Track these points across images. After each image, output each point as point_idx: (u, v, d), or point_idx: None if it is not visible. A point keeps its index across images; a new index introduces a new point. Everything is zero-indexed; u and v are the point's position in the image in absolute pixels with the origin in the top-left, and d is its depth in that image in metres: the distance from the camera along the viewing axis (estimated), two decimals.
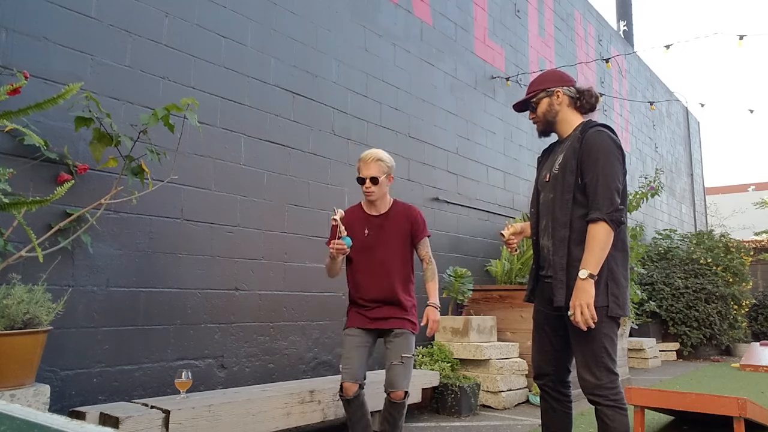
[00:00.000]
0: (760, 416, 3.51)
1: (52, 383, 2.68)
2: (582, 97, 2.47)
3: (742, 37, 6.02)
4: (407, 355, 3.01)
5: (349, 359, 3.01)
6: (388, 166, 3.10)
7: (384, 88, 4.99)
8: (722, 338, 9.07)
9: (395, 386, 2.95)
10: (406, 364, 3.00)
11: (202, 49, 3.59)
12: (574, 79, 2.56)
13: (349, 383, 2.96)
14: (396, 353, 3.00)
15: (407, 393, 2.98)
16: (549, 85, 2.48)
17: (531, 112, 2.55)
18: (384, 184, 3.09)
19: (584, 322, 2.20)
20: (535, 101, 2.51)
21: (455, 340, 4.84)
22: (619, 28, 12.46)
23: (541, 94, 2.49)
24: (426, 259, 3.19)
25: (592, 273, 2.20)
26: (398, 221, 3.12)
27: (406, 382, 2.98)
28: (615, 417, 2.24)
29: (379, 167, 3.05)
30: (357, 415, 3.00)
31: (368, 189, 3.06)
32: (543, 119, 2.51)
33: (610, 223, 2.22)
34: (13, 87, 1.77)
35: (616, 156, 2.30)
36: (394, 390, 2.95)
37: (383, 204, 3.14)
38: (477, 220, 6.00)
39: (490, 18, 6.62)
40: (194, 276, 3.43)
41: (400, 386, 2.95)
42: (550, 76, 2.53)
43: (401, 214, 3.15)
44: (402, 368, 2.98)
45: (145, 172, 2.94)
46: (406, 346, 3.03)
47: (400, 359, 2.98)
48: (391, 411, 2.98)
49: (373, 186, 3.05)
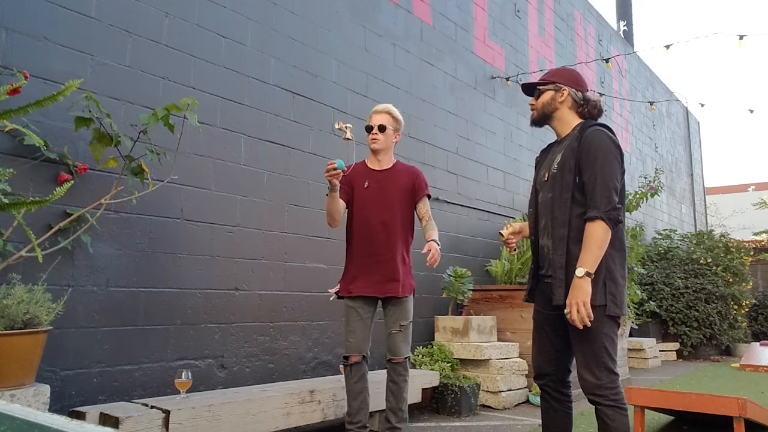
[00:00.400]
0: (760, 416, 3.50)
1: (52, 383, 2.69)
2: (586, 105, 2.48)
3: (742, 37, 6.02)
4: (405, 322, 3.11)
5: (352, 332, 3.09)
6: (397, 121, 3.19)
7: (384, 88, 4.99)
8: (722, 338, 9.07)
9: (396, 353, 3.07)
10: (405, 331, 3.10)
11: (202, 49, 3.59)
12: (588, 87, 2.56)
13: (354, 355, 3.08)
14: (395, 321, 3.10)
15: (408, 358, 3.12)
16: (561, 81, 2.49)
17: (534, 97, 2.56)
18: (390, 136, 3.16)
19: (580, 320, 2.20)
20: (541, 89, 2.52)
21: (455, 340, 4.84)
22: (619, 28, 12.46)
23: (549, 86, 2.50)
24: (426, 217, 3.18)
25: (588, 271, 2.20)
26: (400, 177, 3.17)
27: (406, 348, 3.10)
28: (615, 417, 2.24)
29: (388, 118, 3.14)
30: (357, 386, 3.07)
31: (375, 136, 3.13)
32: (540, 109, 2.52)
33: (608, 222, 2.22)
34: (13, 87, 1.77)
35: (614, 155, 2.31)
36: (395, 356, 3.08)
37: (386, 159, 3.20)
38: (477, 220, 5.99)
39: (490, 18, 6.62)
40: (194, 276, 3.43)
41: (400, 353, 3.07)
42: (567, 74, 2.53)
43: (403, 171, 3.21)
44: (401, 335, 3.09)
45: (145, 172, 2.94)
46: (404, 313, 3.11)
47: (399, 327, 3.08)
48: (394, 374, 3.08)
49: (380, 133, 3.12)
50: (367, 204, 3.12)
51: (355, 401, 3.07)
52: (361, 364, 3.08)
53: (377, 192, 3.12)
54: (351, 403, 3.08)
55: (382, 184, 3.14)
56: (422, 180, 3.21)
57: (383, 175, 3.17)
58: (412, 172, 3.22)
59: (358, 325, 3.09)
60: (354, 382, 3.07)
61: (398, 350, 3.08)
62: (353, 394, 3.08)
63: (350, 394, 3.09)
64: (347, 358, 3.09)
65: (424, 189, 3.20)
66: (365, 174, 3.18)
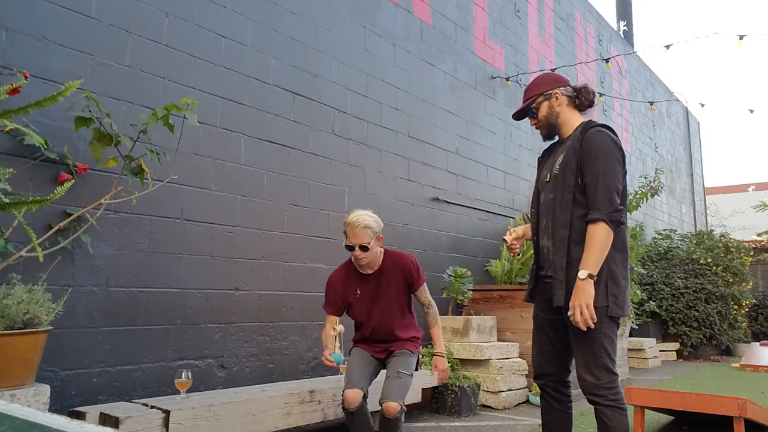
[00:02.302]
0: (760, 416, 3.50)
1: (52, 383, 2.69)
2: (580, 95, 2.48)
3: (742, 37, 6.01)
4: (405, 371, 2.98)
5: (352, 369, 3.03)
6: (376, 231, 3.01)
7: (384, 88, 4.99)
8: (722, 338, 9.07)
9: (388, 397, 2.86)
10: (403, 380, 2.95)
11: (202, 49, 3.59)
12: (568, 78, 2.56)
13: (353, 390, 2.89)
14: (393, 369, 3.00)
15: (402, 409, 2.87)
16: (546, 89, 2.48)
17: (532, 118, 2.55)
18: (374, 248, 3.03)
19: (584, 322, 2.20)
20: (535, 106, 2.51)
21: (455, 340, 4.84)
22: (619, 28, 12.45)
23: (539, 99, 2.49)
24: (426, 303, 3.18)
25: (591, 273, 2.20)
26: (392, 275, 3.10)
27: (400, 395, 2.89)
28: (614, 417, 2.24)
29: (367, 234, 2.96)
30: (359, 425, 2.96)
31: (359, 256, 3.00)
32: (545, 123, 2.51)
33: (610, 224, 2.22)
34: (13, 87, 1.77)
35: (615, 156, 2.30)
36: (386, 401, 2.85)
37: (375, 262, 3.11)
38: (477, 220, 6.00)
39: (490, 18, 6.62)
40: (194, 276, 3.43)
41: (392, 398, 2.85)
42: (545, 79, 2.53)
43: (394, 267, 3.10)
44: (397, 382, 2.92)
45: (145, 172, 2.94)
46: (404, 364, 3.03)
47: (397, 374, 2.96)
48: (386, 427, 2.88)
49: (363, 253, 2.99)
50: (363, 307, 3.12)
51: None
52: (361, 408, 2.92)
53: (372, 298, 3.10)
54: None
55: (375, 289, 3.10)
56: (414, 271, 3.12)
57: (374, 278, 3.11)
58: (402, 267, 3.10)
59: (359, 363, 3.06)
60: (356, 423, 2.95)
61: (391, 394, 2.86)
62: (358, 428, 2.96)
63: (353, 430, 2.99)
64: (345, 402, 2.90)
65: (420, 279, 3.14)
66: (355, 281, 3.12)
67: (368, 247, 2.97)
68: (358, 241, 2.96)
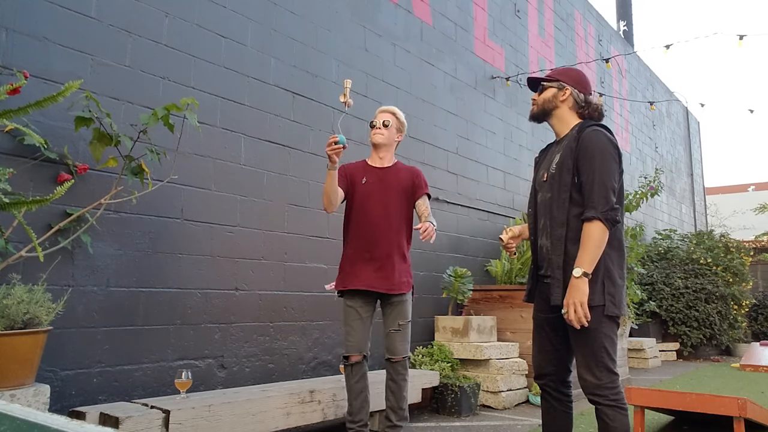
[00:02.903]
0: (760, 416, 3.50)
1: (52, 383, 2.68)
2: (587, 107, 2.48)
3: (742, 37, 6.02)
4: (404, 321, 3.10)
5: (352, 332, 3.08)
6: (401, 121, 3.24)
7: (384, 88, 4.98)
8: (722, 338, 9.06)
9: (395, 352, 3.07)
10: (404, 330, 3.10)
11: (202, 49, 3.59)
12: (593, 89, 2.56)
13: (355, 355, 3.06)
14: (393, 320, 3.09)
15: (408, 356, 3.11)
16: (565, 80, 2.49)
17: (536, 93, 2.57)
18: (393, 133, 3.20)
19: (577, 320, 2.20)
20: (545, 85, 2.52)
21: (455, 340, 4.84)
22: (619, 28, 12.45)
23: (553, 83, 2.51)
24: (425, 214, 3.11)
25: (586, 271, 2.21)
26: (399, 174, 3.19)
27: (405, 347, 3.09)
28: (615, 417, 2.24)
29: (392, 117, 3.20)
30: (358, 386, 3.06)
31: (378, 130, 3.16)
32: (541, 105, 2.53)
33: (605, 222, 2.22)
34: (13, 87, 1.77)
35: (612, 155, 2.31)
36: (394, 355, 3.07)
37: (387, 157, 3.22)
38: (477, 220, 6.00)
39: (490, 18, 6.62)
40: (194, 276, 3.43)
41: (399, 352, 3.07)
42: (573, 74, 2.54)
43: (403, 169, 3.24)
44: (400, 334, 3.09)
45: (145, 172, 2.94)
46: (403, 312, 3.11)
47: (398, 326, 3.08)
48: (394, 373, 3.07)
49: (383, 128, 3.16)
50: (365, 199, 3.11)
51: (356, 400, 3.06)
52: (361, 364, 3.08)
53: (376, 188, 3.12)
54: (352, 402, 3.08)
55: (381, 180, 3.14)
56: (422, 179, 3.21)
57: (383, 172, 3.18)
58: (412, 171, 3.23)
59: (357, 324, 3.08)
60: (355, 381, 3.07)
61: (397, 349, 3.07)
62: (354, 393, 3.07)
63: (351, 393, 3.08)
64: (347, 358, 3.07)
65: (424, 187, 3.19)
66: (365, 170, 3.19)
67: (389, 124, 3.18)
68: (381, 118, 3.20)
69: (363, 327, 3.09)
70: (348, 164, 3.23)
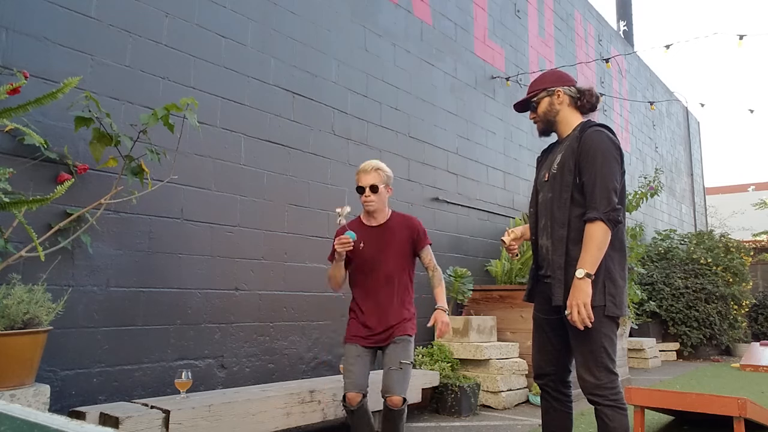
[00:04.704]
0: (760, 416, 3.50)
1: (52, 383, 2.68)
2: (583, 97, 2.47)
3: (742, 37, 6.02)
4: (405, 361, 2.94)
5: (351, 370, 2.95)
6: (387, 175, 3.06)
7: (384, 88, 4.99)
8: (722, 338, 9.06)
9: (391, 391, 2.84)
10: (404, 371, 2.92)
11: (202, 49, 3.59)
12: (575, 79, 2.56)
13: (353, 393, 2.88)
14: (394, 359, 2.93)
15: (405, 400, 2.87)
16: (550, 85, 2.48)
17: (532, 111, 2.56)
18: (383, 194, 3.05)
19: (581, 321, 2.20)
20: (536, 101, 2.51)
21: (455, 340, 4.84)
22: (619, 28, 12.45)
23: (542, 94, 2.49)
24: (431, 266, 3.14)
25: (588, 272, 2.20)
26: (398, 231, 3.08)
27: (403, 387, 2.88)
28: (615, 417, 2.24)
29: (378, 176, 3.01)
30: (361, 424, 2.94)
31: (368, 197, 3.01)
32: (544, 119, 2.51)
33: (607, 223, 2.22)
34: (13, 86, 1.77)
35: (613, 156, 2.31)
36: (390, 395, 2.84)
37: (382, 215, 3.09)
38: (477, 220, 6.00)
39: (490, 18, 6.62)
40: (194, 276, 3.43)
41: (396, 391, 2.84)
42: (551, 76, 2.53)
43: (400, 224, 3.10)
44: (399, 374, 2.90)
45: (145, 172, 2.94)
46: (404, 353, 2.96)
47: (399, 365, 2.91)
48: (390, 418, 2.88)
49: (372, 194, 3.00)
50: (365, 263, 3.05)
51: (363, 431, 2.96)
52: (362, 406, 2.91)
53: (374, 249, 3.04)
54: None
55: (378, 242, 3.06)
56: (421, 230, 3.12)
57: (379, 231, 3.08)
58: (409, 225, 3.11)
59: (357, 361, 2.97)
60: (357, 421, 2.93)
61: (394, 388, 2.84)
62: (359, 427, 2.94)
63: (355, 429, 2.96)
64: (346, 400, 2.90)
65: (425, 239, 3.13)
66: (361, 232, 3.06)
67: (378, 189, 3.00)
68: (368, 181, 3.00)
69: (363, 364, 2.97)
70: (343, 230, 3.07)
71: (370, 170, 3.02)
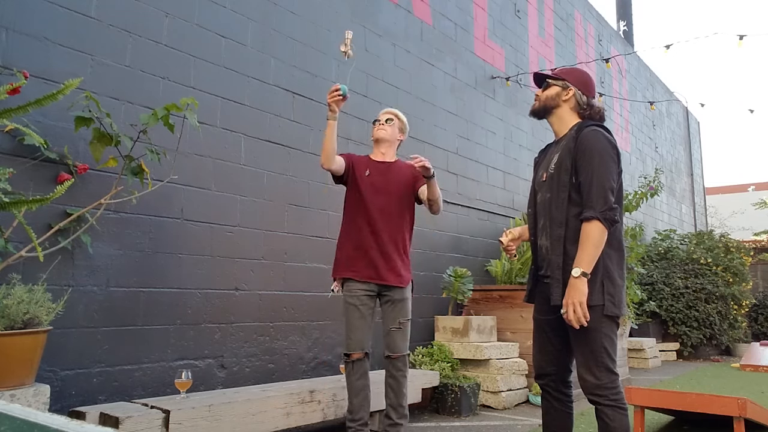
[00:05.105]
0: (760, 416, 3.50)
1: (52, 383, 2.69)
2: (588, 110, 2.48)
3: (742, 37, 6.02)
4: (404, 319, 3.12)
5: (353, 329, 3.07)
6: (403, 123, 3.33)
7: (384, 88, 4.98)
8: (722, 338, 9.06)
9: (395, 350, 3.08)
10: (404, 328, 3.11)
11: (202, 49, 3.59)
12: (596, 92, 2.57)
13: (356, 352, 3.05)
14: (394, 318, 3.10)
15: (408, 354, 3.13)
16: (570, 81, 2.49)
17: (540, 89, 2.58)
18: (396, 130, 3.28)
19: (576, 320, 2.20)
20: (549, 82, 2.53)
21: (455, 340, 4.84)
22: (619, 28, 12.46)
23: (558, 82, 2.51)
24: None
25: (584, 271, 2.21)
26: (402, 170, 3.22)
27: (405, 344, 3.11)
28: (615, 417, 2.24)
29: (394, 115, 3.30)
30: (359, 383, 3.05)
31: (381, 126, 3.25)
32: (543, 102, 2.53)
33: (604, 222, 2.22)
34: (13, 86, 1.77)
35: (610, 155, 2.31)
36: (395, 353, 3.08)
37: (389, 153, 3.28)
38: (477, 220, 5.99)
39: (490, 18, 6.62)
40: (194, 276, 3.43)
41: (399, 350, 3.08)
42: (577, 74, 2.54)
43: (404, 165, 3.25)
44: (401, 333, 3.10)
45: (145, 172, 2.94)
46: (403, 310, 3.12)
47: (398, 324, 3.09)
48: (393, 370, 3.08)
49: (386, 124, 3.25)
50: (366, 191, 3.12)
51: (356, 398, 3.04)
52: (362, 361, 3.06)
53: (378, 180, 3.14)
54: (352, 400, 3.06)
55: (383, 174, 3.17)
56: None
57: (385, 166, 3.22)
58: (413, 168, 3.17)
59: (358, 322, 3.07)
60: (356, 378, 3.05)
61: (397, 347, 3.08)
62: (355, 391, 3.05)
63: (351, 391, 3.07)
64: (348, 355, 3.06)
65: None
66: (368, 164, 3.22)
67: (393, 120, 3.28)
68: (384, 116, 3.30)
69: (364, 324, 3.08)
70: (352, 154, 3.30)
71: (389, 111, 3.34)
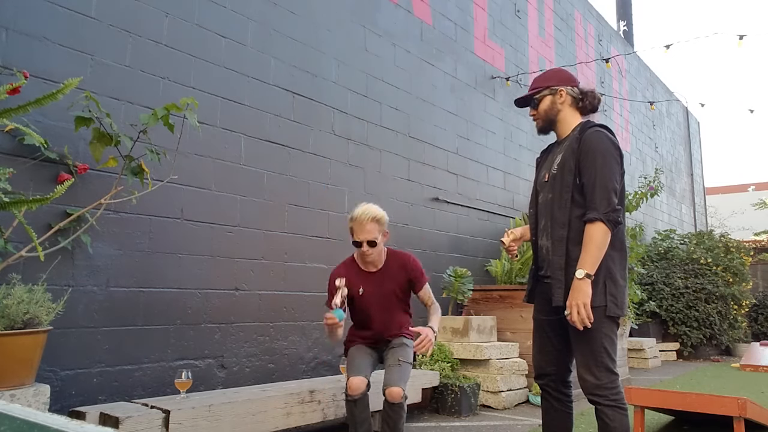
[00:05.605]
0: (760, 416, 3.50)
1: (52, 383, 2.68)
2: (585, 98, 2.48)
3: (742, 37, 6.02)
4: (404, 360, 3.00)
5: (354, 359, 3.05)
6: (383, 224, 3.01)
7: (384, 88, 4.98)
8: (722, 338, 9.06)
9: (391, 383, 2.86)
10: (404, 367, 2.97)
11: (202, 49, 3.59)
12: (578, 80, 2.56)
13: (357, 378, 2.89)
14: (394, 357, 3.03)
15: (405, 396, 2.88)
16: (554, 84, 2.48)
17: (532, 108, 2.55)
18: (380, 243, 3.02)
19: (580, 321, 2.20)
20: (538, 98, 2.51)
21: (455, 340, 4.84)
22: (619, 28, 12.46)
23: (544, 92, 2.49)
24: (428, 303, 3.17)
25: (588, 273, 2.20)
26: (395, 275, 3.10)
27: (402, 381, 2.91)
28: (615, 417, 2.24)
29: (375, 228, 2.96)
30: (360, 418, 2.94)
31: (367, 252, 2.98)
32: (544, 117, 2.51)
33: (607, 223, 2.22)
34: (13, 86, 1.77)
35: (613, 156, 2.31)
36: (390, 386, 2.85)
37: (379, 260, 3.11)
38: (477, 220, 6.00)
39: (490, 18, 6.62)
40: (194, 276, 3.43)
41: (395, 383, 2.86)
42: (555, 74, 2.53)
43: (397, 266, 3.11)
44: (399, 369, 2.94)
45: (145, 172, 2.94)
46: (403, 353, 3.05)
47: (398, 362, 2.98)
48: (390, 414, 2.87)
49: (371, 249, 2.97)
50: (365, 308, 3.12)
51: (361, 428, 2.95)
52: (363, 398, 2.92)
53: (373, 292, 3.09)
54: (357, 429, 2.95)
55: (377, 285, 3.09)
56: (418, 271, 3.13)
57: (377, 276, 3.10)
58: (406, 267, 3.11)
59: (360, 353, 3.09)
60: (359, 412, 2.94)
61: (394, 380, 2.87)
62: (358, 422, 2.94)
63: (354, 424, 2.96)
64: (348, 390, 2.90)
65: (422, 278, 3.15)
66: (359, 277, 3.09)
67: (376, 243, 2.96)
68: (366, 236, 2.94)
69: (367, 358, 3.08)
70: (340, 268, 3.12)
71: (365, 222, 2.94)
